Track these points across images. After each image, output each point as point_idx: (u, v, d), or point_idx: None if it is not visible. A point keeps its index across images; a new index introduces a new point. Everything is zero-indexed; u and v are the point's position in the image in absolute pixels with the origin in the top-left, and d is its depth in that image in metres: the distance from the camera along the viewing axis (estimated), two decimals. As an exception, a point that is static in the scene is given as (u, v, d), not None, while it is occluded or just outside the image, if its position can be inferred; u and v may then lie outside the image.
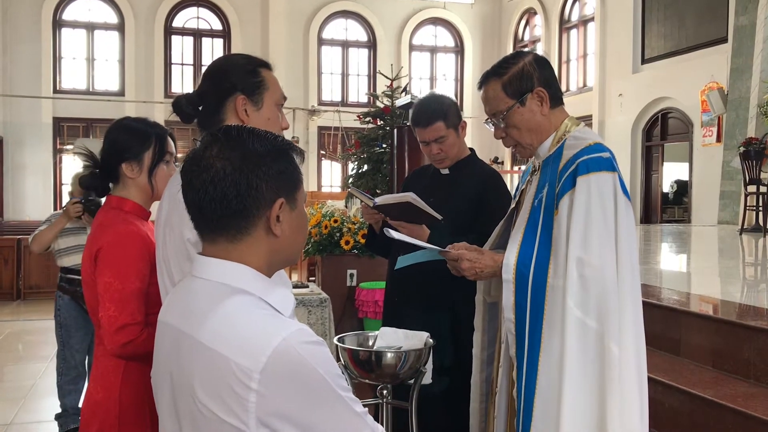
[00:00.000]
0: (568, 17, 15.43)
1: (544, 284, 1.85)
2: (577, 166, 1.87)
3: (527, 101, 1.97)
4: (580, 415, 1.77)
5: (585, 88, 14.66)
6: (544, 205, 1.93)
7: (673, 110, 12.23)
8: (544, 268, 1.86)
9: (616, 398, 1.77)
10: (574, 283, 1.80)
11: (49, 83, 14.52)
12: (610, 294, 1.79)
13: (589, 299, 1.79)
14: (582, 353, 1.78)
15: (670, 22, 12.25)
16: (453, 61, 17.42)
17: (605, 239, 1.82)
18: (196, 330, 1.11)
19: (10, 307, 9.13)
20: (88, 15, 15.01)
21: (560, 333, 1.80)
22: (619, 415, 1.77)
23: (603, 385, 1.77)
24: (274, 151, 1.19)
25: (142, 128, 2.01)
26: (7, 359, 6.57)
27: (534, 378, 1.84)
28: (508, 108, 1.98)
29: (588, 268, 1.80)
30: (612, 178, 1.87)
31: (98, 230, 1.93)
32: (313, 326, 4.28)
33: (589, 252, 1.80)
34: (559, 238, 1.85)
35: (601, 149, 1.90)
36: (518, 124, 1.98)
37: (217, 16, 15.70)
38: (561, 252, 1.83)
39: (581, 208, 1.82)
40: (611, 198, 1.85)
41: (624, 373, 1.78)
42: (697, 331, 3.15)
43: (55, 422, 4.30)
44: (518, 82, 1.97)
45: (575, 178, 1.86)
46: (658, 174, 12.92)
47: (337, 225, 5.21)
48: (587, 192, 1.83)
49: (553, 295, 1.83)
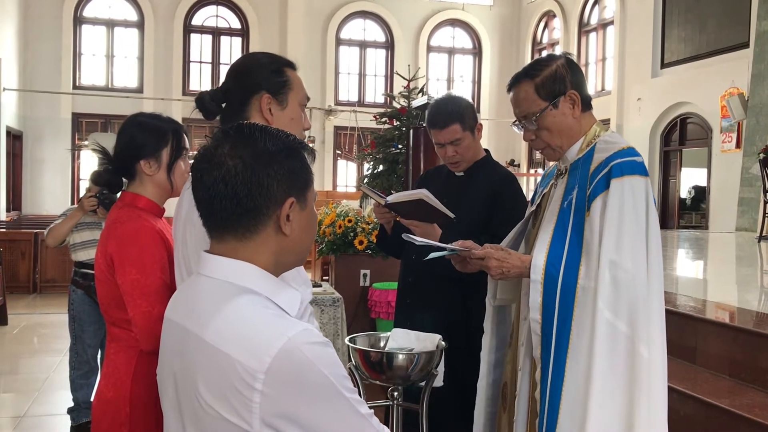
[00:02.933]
0: (587, 20, 15.34)
1: (574, 286, 1.85)
2: (611, 168, 1.87)
3: (560, 104, 1.96)
4: (608, 417, 1.77)
5: (603, 92, 14.57)
6: (575, 206, 1.92)
7: (692, 115, 12.11)
8: (575, 270, 1.86)
9: (644, 402, 1.77)
10: (606, 285, 1.79)
11: (69, 79, 14.67)
12: (641, 298, 1.79)
13: (620, 302, 1.79)
14: (611, 355, 1.78)
15: (690, 26, 12.13)
16: (471, 63, 17.38)
17: (638, 243, 1.82)
18: (202, 329, 1.11)
19: (26, 300, 9.20)
20: (109, 12, 15.14)
21: (589, 335, 1.80)
22: (647, 419, 1.77)
23: (632, 388, 1.77)
24: (286, 149, 1.18)
25: (159, 125, 1.99)
26: (22, 352, 6.62)
27: (561, 379, 1.83)
28: (540, 110, 1.96)
29: (621, 271, 1.80)
30: (645, 182, 1.87)
31: (111, 227, 1.92)
32: (326, 325, 4.28)
33: (622, 255, 1.80)
34: (591, 240, 1.85)
35: (635, 153, 1.91)
36: (550, 126, 1.97)
37: (236, 15, 15.77)
38: (593, 254, 1.83)
39: (614, 211, 1.82)
40: (643, 202, 1.85)
41: (653, 377, 1.79)
42: (713, 339, 3.11)
43: (67, 415, 4.32)
44: (551, 84, 1.96)
45: (609, 180, 1.85)
46: (675, 179, 12.82)
47: (351, 225, 5.20)
48: (621, 195, 1.83)
49: (584, 297, 1.83)
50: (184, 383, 1.13)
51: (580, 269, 1.85)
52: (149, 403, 1.81)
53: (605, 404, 1.77)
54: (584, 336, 1.81)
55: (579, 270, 1.85)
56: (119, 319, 1.87)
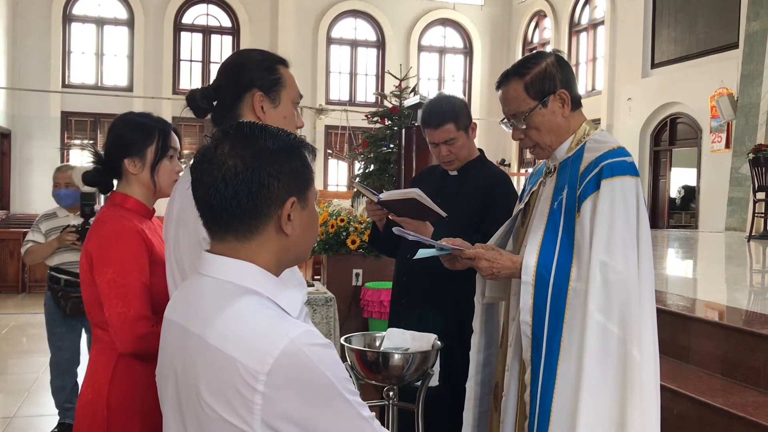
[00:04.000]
0: (578, 20, 15.37)
1: (566, 287, 1.84)
2: (601, 169, 1.85)
3: (549, 103, 1.94)
4: (599, 419, 1.76)
5: (594, 92, 14.61)
6: (565, 207, 1.91)
7: (682, 115, 12.17)
8: (566, 272, 1.84)
9: (636, 403, 1.76)
10: (597, 287, 1.78)
11: (58, 77, 14.55)
12: (633, 299, 1.78)
13: (612, 304, 1.78)
14: (602, 358, 1.77)
15: (680, 27, 12.18)
16: (462, 63, 17.38)
17: (629, 244, 1.81)
18: (203, 329, 1.09)
19: (15, 300, 9.14)
20: (98, 10, 15.03)
21: (580, 337, 1.79)
22: (640, 420, 1.76)
23: (624, 390, 1.77)
24: (287, 149, 1.17)
25: (146, 123, 1.96)
26: (10, 352, 6.58)
27: (552, 382, 1.82)
28: (530, 109, 1.94)
29: (612, 272, 1.79)
30: (635, 183, 1.86)
31: (94, 227, 1.90)
32: (318, 325, 4.27)
33: (613, 256, 1.79)
34: (582, 242, 1.83)
35: (625, 153, 1.90)
36: (539, 125, 1.96)
37: (226, 14, 15.71)
38: (584, 255, 1.82)
39: (605, 212, 1.81)
40: (634, 203, 1.84)
41: (645, 378, 1.78)
42: (706, 338, 3.12)
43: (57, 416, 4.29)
44: (541, 83, 1.94)
45: (599, 181, 1.84)
46: (665, 179, 12.87)
47: (344, 224, 5.19)
48: (611, 196, 1.82)
49: (575, 299, 1.82)
50: (185, 384, 1.11)
51: (572, 271, 1.84)
52: (127, 406, 1.78)
53: (597, 407, 1.76)
54: (575, 338, 1.80)
55: (570, 272, 1.84)
56: (101, 320, 1.84)
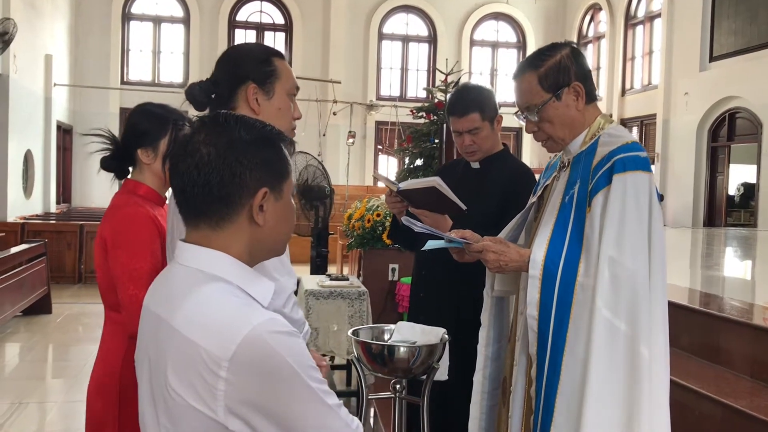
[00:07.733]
0: (634, 13, 15.01)
1: (573, 283, 1.81)
2: (613, 163, 1.82)
3: (563, 95, 1.91)
4: (607, 417, 1.73)
5: (650, 86, 14.24)
6: (576, 201, 1.88)
7: (741, 110, 11.76)
8: (574, 267, 1.82)
9: (645, 402, 1.72)
10: (605, 283, 1.75)
11: (117, 75, 15.04)
12: (642, 296, 1.75)
13: (619, 300, 1.74)
14: (609, 355, 1.74)
15: (741, 18, 11.76)
16: (515, 57, 17.19)
17: (639, 240, 1.77)
18: (171, 316, 1.12)
19: (72, 290, 9.47)
20: (155, 9, 15.46)
21: (587, 333, 1.76)
22: (649, 420, 1.72)
23: (631, 388, 1.73)
24: (260, 139, 1.18)
25: (162, 114, 2.01)
26: (65, 340, 6.82)
27: (557, 378, 1.80)
28: (543, 102, 1.92)
29: (620, 268, 1.75)
30: (648, 178, 1.82)
31: (109, 212, 1.96)
32: (351, 318, 4.29)
33: (622, 252, 1.75)
34: (591, 237, 1.80)
35: (638, 148, 1.85)
36: (552, 118, 1.93)
37: (279, 10, 15.91)
38: (593, 251, 1.79)
39: (616, 207, 1.78)
40: (646, 199, 1.80)
41: (654, 377, 1.74)
42: (735, 339, 3.02)
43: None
44: (555, 75, 1.91)
45: (611, 175, 1.81)
46: (723, 176, 12.47)
47: (380, 219, 5.20)
48: (623, 191, 1.78)
49: (582, 295, 1.79)
50: (156, 370, 1.14)
51: (580, 266, 1.81)
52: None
53: (603, 404, 1.73)
54: (582, 334, 1.77)
55: (578, 267, 1.81)
56: (114, 302, 1.92)
